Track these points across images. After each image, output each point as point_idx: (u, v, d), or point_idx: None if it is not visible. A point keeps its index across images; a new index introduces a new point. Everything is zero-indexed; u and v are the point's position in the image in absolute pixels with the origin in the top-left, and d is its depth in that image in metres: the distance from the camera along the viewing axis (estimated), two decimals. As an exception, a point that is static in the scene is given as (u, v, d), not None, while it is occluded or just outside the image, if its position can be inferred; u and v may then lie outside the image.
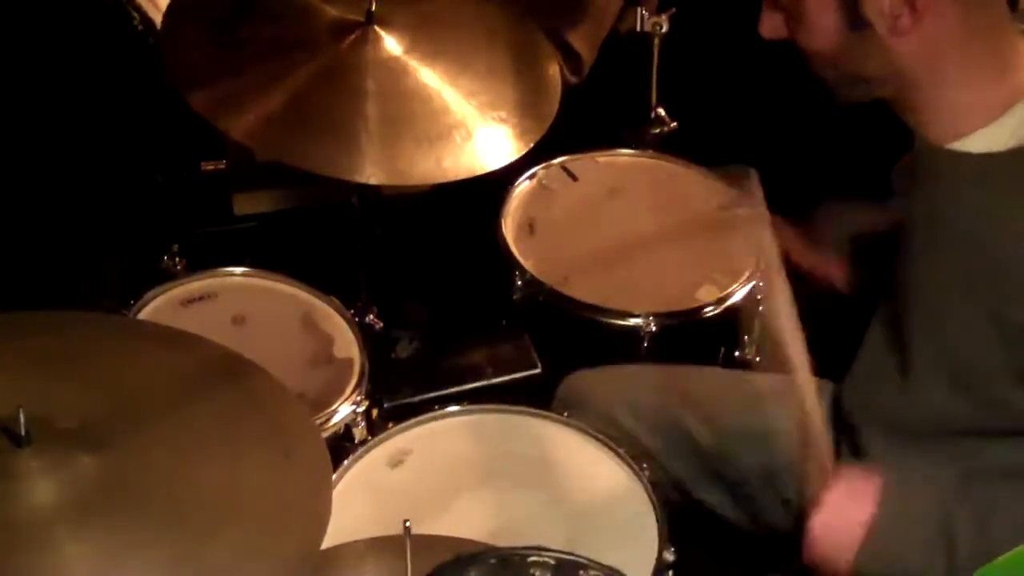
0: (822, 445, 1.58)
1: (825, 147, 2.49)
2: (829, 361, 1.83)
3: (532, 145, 1.91)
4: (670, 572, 1.61)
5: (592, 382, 1.91)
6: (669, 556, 1.61)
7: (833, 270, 1.89)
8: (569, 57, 2.37)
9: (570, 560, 1.43)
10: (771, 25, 1.52)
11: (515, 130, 1.89)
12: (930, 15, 1.39)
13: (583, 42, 2.43)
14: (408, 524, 1.38)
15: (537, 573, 1.42)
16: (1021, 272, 1.42)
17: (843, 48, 1.45)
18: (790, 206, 2.14)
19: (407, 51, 1.89)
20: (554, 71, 2.03)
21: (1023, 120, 1.42)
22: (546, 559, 1.43)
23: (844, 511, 1.53)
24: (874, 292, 1.67)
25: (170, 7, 1.97)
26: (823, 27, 1.45)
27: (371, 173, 1.78)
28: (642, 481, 1.71)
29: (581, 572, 1.42)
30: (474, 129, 1.86)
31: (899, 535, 1.51)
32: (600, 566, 1.43)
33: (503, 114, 1.90)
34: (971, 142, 1.45)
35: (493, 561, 1.42)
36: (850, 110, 1.91)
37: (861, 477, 1.55)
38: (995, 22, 1.44)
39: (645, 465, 1.72)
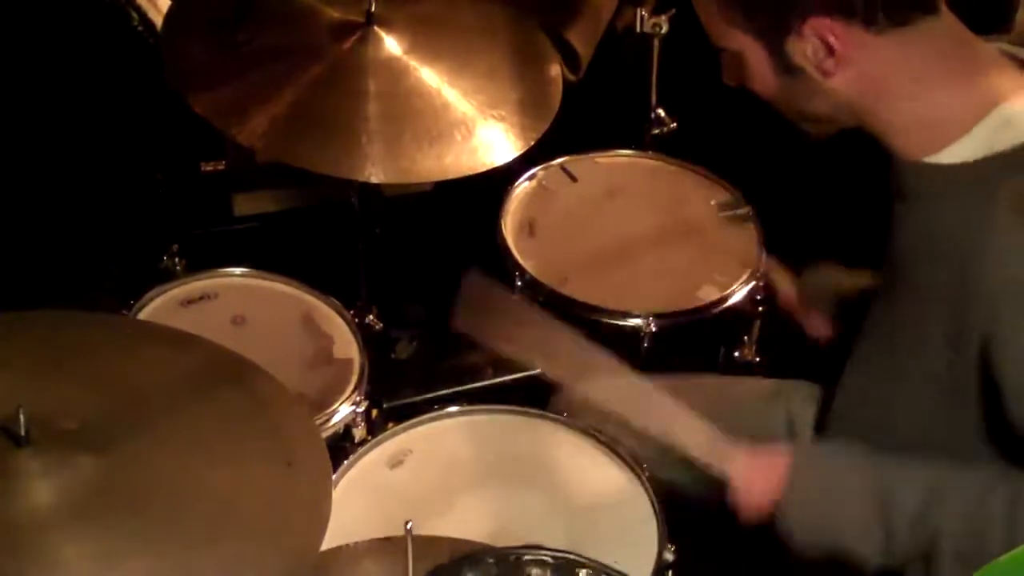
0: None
1: (825, 147, 2.49)
2: (819, 365, 1.84)
3: (533, 143, 1.91)
4: (670, 572, 1.61)
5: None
6: (669, 556, 1.61)
7: (814, 322, 1.94)
8: (567, 55, 2.37)
9: (567, 559, 1.43)
10: (728, 74, 1.55)
11: (516, 128, 1.90)
12: (855, 54, 1.40)
13: (580, 40, 2.43)
14: (410, 525, 1.39)
15: (535, 572, 1.42)
16: (982, 280, 1.41)
17: (786, 92, 1.49)
18: (790, 206, 2.15)
19: (407, 51, 1.89)
20: (555, 69, 2.04)
21: (995, 129, 1.41)
22: (544, 558, 1.43)
23: (758, 487, 1.56)
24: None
25: (171, 10, 1.98)
26: (762, 74, 1.49)
27: (373, 171, 1.78)
28: (642, 481, 1.71)
29: (579, 571, 1.43)
30: (475, 127, 1.86)
31: (818, 503, 1.53)
32: (597, 564, 1.44)
33: (503, 112, 1.90)
34: (945, 155, 1.44)
35: (491, 561, 1.42)
36: None
37: (775, 455, 1.57)
38: (945, 40, 1.43)
39: (645, 465, 1.72)
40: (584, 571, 1.43)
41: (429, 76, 1.88)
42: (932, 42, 1.43)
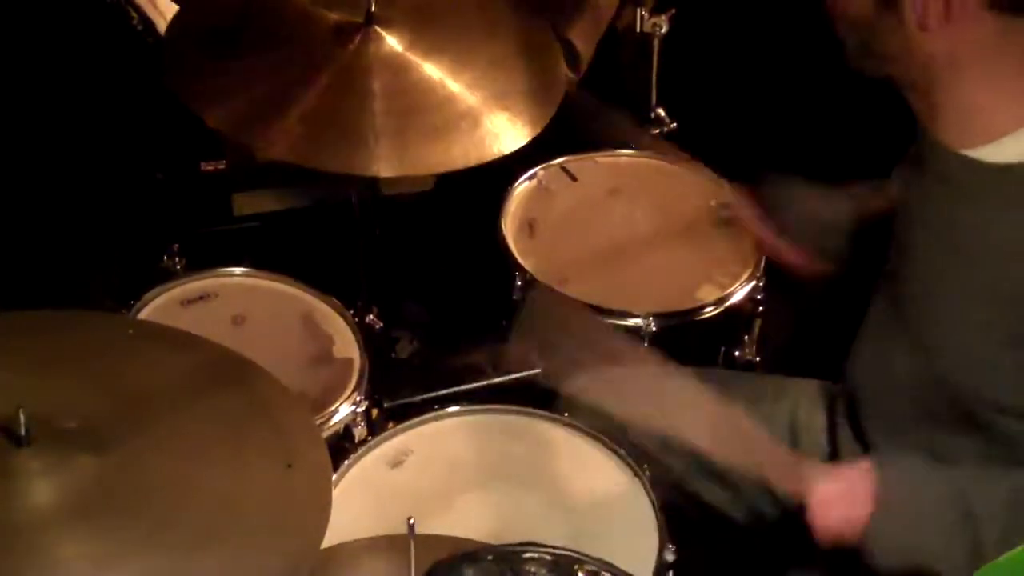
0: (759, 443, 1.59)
1: (824, 147, 2.49)
2: (826, 362, 1.84)
3: (540, 131, 1.91)
4: (670, 572, 1.61)
5: (592, 383, 1.91)
6: (669, 556, 1.61)
7: (794, 257, 1.90)
8: (567, 54, 2.37)
9: (566, 555, 1.44)
10: None
11: (520, 117, 1.90)
12: (965, 22, 1.38)
13: (581, 39, 2.43)
14: (412, 522, 1.39)
15: (533, 569, 1.42)
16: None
17: (871, 19, 1.43)
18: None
19: (408, 47, 1.90)
20: (556, 57, 2.03)
21: None
22: (542, 555, 1.43)
23: (843, 508, 1.53)
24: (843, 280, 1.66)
25: (176, 16, 1.98)
26: None
27: (382, 166, 1.79)
28: (642, 481, 1.71)
29: (577, 567, 1.43)
30: (480, 118, 1.87)
31: (906, 524, 1.51)
32: (595, 561, 1.44)
33: (507, 102, 1.90)
34: (987, 151, 1.44)
35: (490, 558, 1.42)
36: (850, 111, 1.92)
37: (856, 475, 1.55)
38: None
39: (645, 465, 1.72)
40: (583, 568, 1.43)
41: (432, 70, 1.89)
42: None
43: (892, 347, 1.62)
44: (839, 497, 1.53)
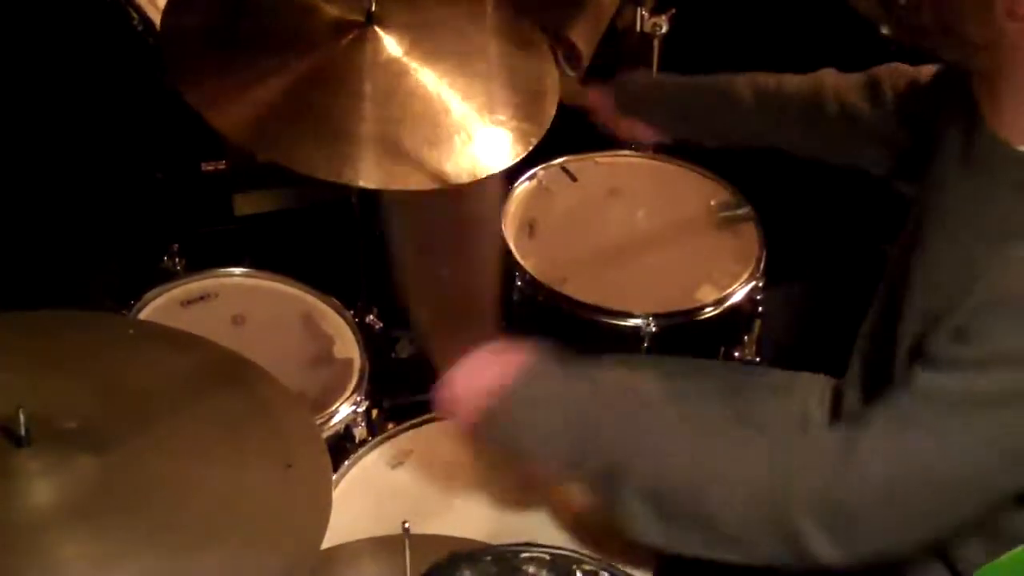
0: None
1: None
2: (826, 362, 1.84)
3: (532, 147, 1.91)
4: (670, 572, 1.61)
5: None
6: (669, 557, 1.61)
7: (634, 129, 2.05)
8: (567, 53, 2.37)
9: (564, 555, 1.44)
10: None
11: (515, 132, 1.89)
12: None
13: (582, 38, 2.43)
14: (407, 525, 1.38)
15: (532, 569, 1.43)
16: None
17: (958, 5, 1.38)
18: (790, 206, 2.14)
19: (407, 52, 1.89)
20: (554, 73, 2.03)
21: None
22: (540, 555, 1.43)
23: (480, 370, 1.51)
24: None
25: (168, 6, 1.97)
26: None
27: (370, 177, 1.77)
28: (642, 481, 1.70)
29: (575, 567, 1.43)
30: (474, 131, 1.86)
31: (523, 409, 1.48)
32: (594, 560, 1.44)
33: (503, 116, 1.90)
34: None
35: (488, 558, 1.42)
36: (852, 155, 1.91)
37: (510, 349, 1.53)
38: None
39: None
40: (581, 568, 1.43)
41: (428, 78, 1.88)
42: None
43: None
44: (477, 362, 1.52)
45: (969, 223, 1.46)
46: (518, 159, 1.89)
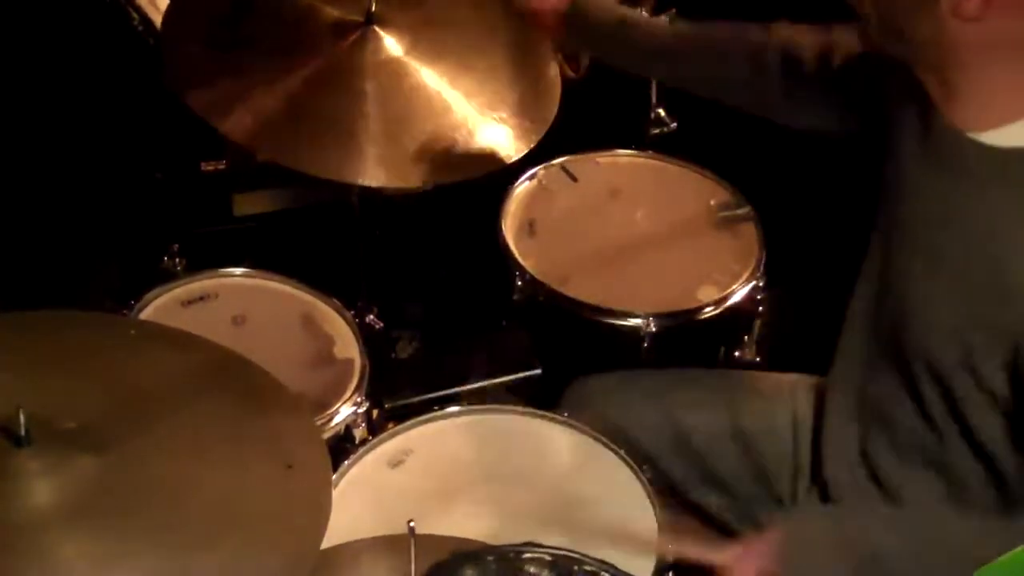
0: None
1: (823, 147, 2.49)
2: (826, 362, 1.84)
3: (533, 145, 1.91)
4: (670, 572, 1.61)
5: (591, 387, 1.91)
6: (669, 556, 1.61)
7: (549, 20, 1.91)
8: (567, 54, 2.37)
9: (565, 556, 1.44)
10: None
11: (516, 130, 1.90)
12: (1003, 11, 1.36)
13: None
14: (412, 524, 1.38)
15: (533, 569, 1.43)
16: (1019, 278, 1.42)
17: (901, 2, 1.41)
18: (790, 206, 2.14)
19: (407, 52, 1.89)
20: (554, 71, 2.03)
21: None
22: (541, 555, 1.44)
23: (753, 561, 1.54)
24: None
25: (170, 8, 1.97)
26: None
27: (372, 175, 1.78)
28: (642, 481, 1.71)
29: (576, 567, 1.43)
30: (475, 130, 1.86)
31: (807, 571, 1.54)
32: (594, 561, 1.44)
33: (504, 114, 1.90)
34: (995, 135, 1.43)
35: (490, 558, 1.43)
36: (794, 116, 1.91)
37: (764, 541, 1.56)
38: None
39: (645, 466, 1.72)
40: (582, 568, 1.43)
41: (429, 77, 1.88)
42: None
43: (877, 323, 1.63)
44: (749, 562, 1.53)
45: (953, 220, 1.48)
46: (520, 155, 1.89)
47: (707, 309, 1.99)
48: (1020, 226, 1.43)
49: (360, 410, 1.84)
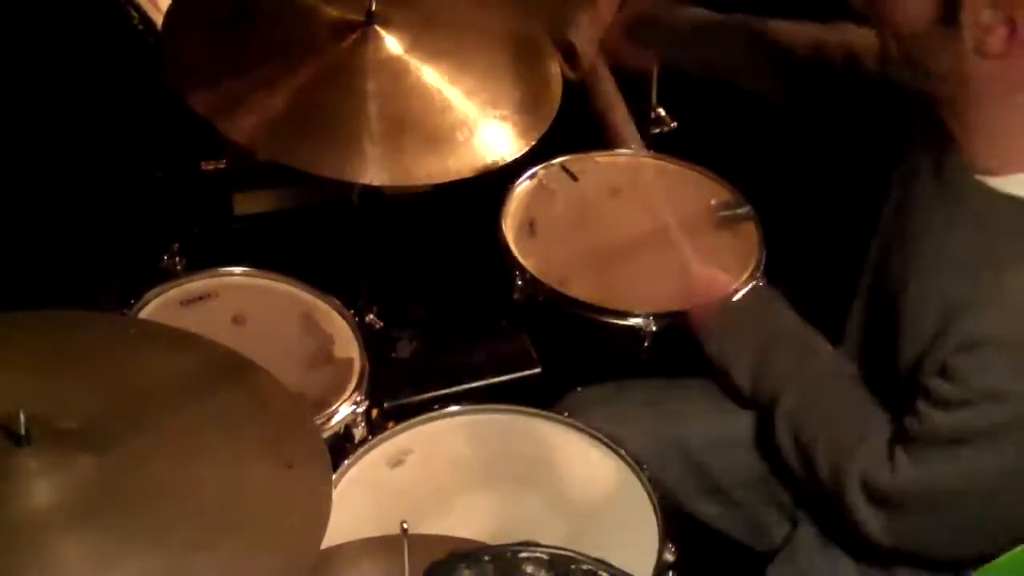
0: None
1: (823, 147, 2.49)
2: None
3: (535, 142, 1.91)
4: (670, 572, 1.61)
5: (586, 398, 1.91)
6: (669, 556, 1.61)
7: (634, 55, 2.19)
8: (569, 54, 2.37)
9: (562, 555, 1.44)
10: None
11: (517, 128, 1.89)
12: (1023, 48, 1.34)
13: (581, 38, 2.43)
14: (405, 526, 1.38)
15: (530, 569, 1.43)
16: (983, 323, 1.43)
17: (922, 33, 1.40)
18: (790, 206, 2.14)
19: (408, 50, 1.89)
20: (555, 68, 2.03)
21: None
22: (539, 555, 1.43)
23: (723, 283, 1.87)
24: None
25: (171, 8, 1.97)
26: (915, 4, 1.40)
27: (374, 174, 1.78)
28: (642, 481, 1.71)
29: (573, 567, 1.43)
30: (476, 127, 1.86)
31: (738, 326, 1.82)
32: (592, 560, 1.44)
33: (505, 112, 1.90)
34: (1006, 182, 1.43)
35: (487, 558, 1.42)
36: (847, 113, 1.92)
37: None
38: None
39: (645, 465, 1.72)
40: (580, 568, 1.43)
41: (430, 75, 1.88)
42: None
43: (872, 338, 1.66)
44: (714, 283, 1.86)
45: (942, 254, 1.50)
46: (522, 153, 1.89)
47: (707, 309, 1.99)
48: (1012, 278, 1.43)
49: (360, 409, 1.84)
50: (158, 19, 2.19)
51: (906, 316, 1.54)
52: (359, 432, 1.84)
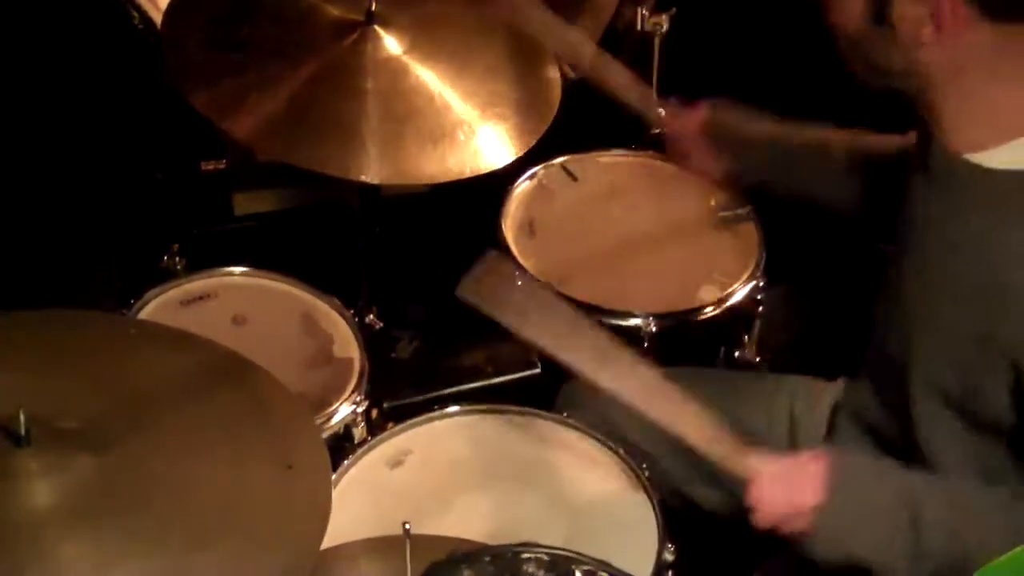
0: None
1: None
2: (826, 362, 1.84)
3: (534, 143, 1.91)
4: (670, 572, 1.61)
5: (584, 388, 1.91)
6: (669, 556, 1.61)
7: (707, 161, 2.06)
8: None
9: (563, 555, 1.44)
10: None
11: (516, 128, 1.90)
12: (958, 31, 1.38)
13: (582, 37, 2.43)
14: (408, 526, 1.38)
15: (531, 569, 1.43)
16: (1018, 297, 1.42)
17: (865, 36, 1.45)
18: (790, 206, 2.14)
19: (407, 51, 1.89)
20: (554, 71, 2.03)
21: None
22: (539, 555, 1.44)
23: (787, 492, 1.50)
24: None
25: (170, 6, 1.97)
26: (849, 7, 1.45)
27: (373, 172, 1.78)
28: (642, 481, 1.71)
29: (574, 567, 1.43)
30: (476, 127, 1.86)
31: (854, 517, 1.49)
32: (592, 561, 1.44)
33: (504, 112, 1.90)
34: (990, 156, 1.44)
35: (487, 559, 1.43)
36: (850, 110, 1.92)
37: (804, 460, 1.53)
38: None
39: (645, 465, 1.72)
40: (580, 568, 1.43)
41: (429, 76, 1.88)
42: None
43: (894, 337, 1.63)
44: (783, 479, 1.51)
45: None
46: (520, 154, 1.89)
47: (707, 309, 1.99)
48: (1015, 244, 1.43)
49: (359, 409, 1.84)
50: (158, 19, 2.19)
51: (929, 319, 1.53)
52: (359, 432, 1.84)
